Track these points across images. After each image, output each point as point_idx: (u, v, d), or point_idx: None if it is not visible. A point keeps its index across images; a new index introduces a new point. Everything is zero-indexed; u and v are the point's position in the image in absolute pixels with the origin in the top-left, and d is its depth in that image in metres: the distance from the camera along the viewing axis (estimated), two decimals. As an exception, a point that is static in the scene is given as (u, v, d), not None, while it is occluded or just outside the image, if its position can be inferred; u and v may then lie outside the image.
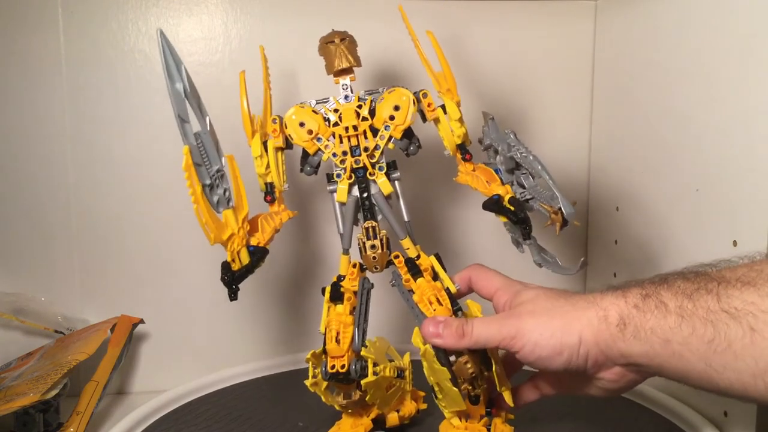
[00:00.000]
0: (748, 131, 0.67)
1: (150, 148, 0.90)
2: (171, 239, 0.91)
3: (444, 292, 0.64)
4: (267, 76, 0.68)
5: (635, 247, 0.87)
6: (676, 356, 0.47)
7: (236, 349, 0.94)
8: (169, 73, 0.59)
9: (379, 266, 0.66)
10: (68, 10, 0.87)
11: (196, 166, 0.58)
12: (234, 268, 0.63)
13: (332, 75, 0.66)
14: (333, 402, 0.66)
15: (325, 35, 0.67)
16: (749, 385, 0.44)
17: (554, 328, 0.52)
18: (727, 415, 0.71)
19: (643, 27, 0.85)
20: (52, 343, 0.86)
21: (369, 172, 0.65)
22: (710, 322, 0.45)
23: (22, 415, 0.72)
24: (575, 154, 1.00)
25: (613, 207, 0.93)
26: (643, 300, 0.49)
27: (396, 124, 0.64)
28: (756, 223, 0.66)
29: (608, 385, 0.54)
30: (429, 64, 0.66)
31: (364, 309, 0.65)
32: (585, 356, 0.51)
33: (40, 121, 0.88)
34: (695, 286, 0.48)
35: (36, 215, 0.89)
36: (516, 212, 0.62)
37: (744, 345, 0.44)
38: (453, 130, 0.66)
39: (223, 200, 0.62)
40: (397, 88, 0.65)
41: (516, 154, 0.63)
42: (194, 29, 0.90)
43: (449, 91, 0.66)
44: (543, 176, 0.61)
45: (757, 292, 0.44)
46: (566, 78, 0.98)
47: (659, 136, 0.82)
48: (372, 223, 0.66)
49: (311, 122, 0.65)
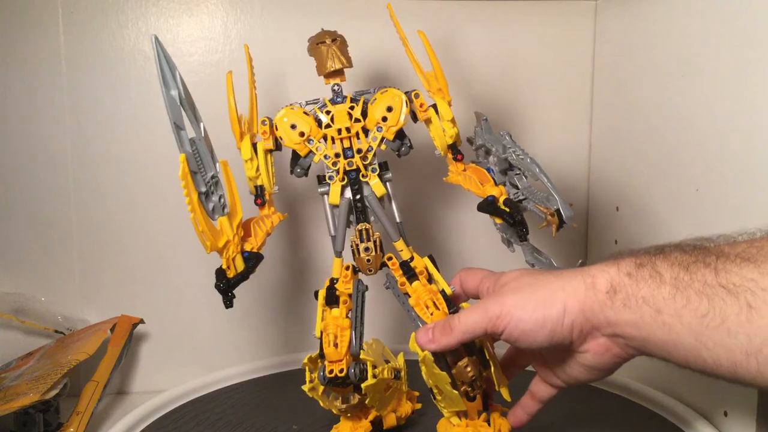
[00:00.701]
0: (748, 131, 0.67)
1: (150, 148, 0.90)
2: (171, 239, 0.91)
3: (440, 295, 0.63)
4: (252, 75, 0.68)
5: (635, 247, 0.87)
6: (665, 328, 0.46)
7: (236, 349, 0.94)
8: (164, 79, 0.57)
9: (373, 269, 0.66)
10: (68, 10, 0.87)
11: (192, 174, 0.58)
12: (229, 275, 0.62)
13: (323, 76, 0.66)
14: (331, 406, 0.65)
15: (315, 35, 0.66)
16: (740, 364, 0.43)
17: (537, 300, 0.51)
18: (727, 415, 0.71)
19: (643, 27, 0.85)
20: (52, 343, 0.86)
21: (362, 174, 0.65)
22: (706, 295, 0.44)
23: (22, 415, 0.72)
24: (575, 154, 1.00)
25: (613, 207, 0.93)
26: (637, 269, 0.48)
27: (389, 125, 0.64)
28: (756, 223, 0.65)
29: (591, 360, 0.52)
30: (418, 64, 0.66)
31: (360, 312, 0.65)
32: (570, 327, 0.50)
33: (40, 121, 0.88)
34: (693, 258, 0.46)
35: (36, 215, 0.89)
36: (512, 214, 0.62)
37: (740, 322, 0.43)
38: (445, 131, 0.65)
39: (219, 207, 0.61)
40: (389, 89, 0.65)
41: (512, 155, 0.63)
42: (194, 29, 0.89)
43: (440, 91, 0.65)
44: (541, 179, 0.61)
45: (757, 269, 0.43)
46: (566, 78, 0.98)
47: (659, 136, 0.82)
48: (365, 226, 0.65)
49: (303, 124, 0.64)
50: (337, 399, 0.65)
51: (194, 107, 0.61)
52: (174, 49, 0.89)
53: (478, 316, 0.53)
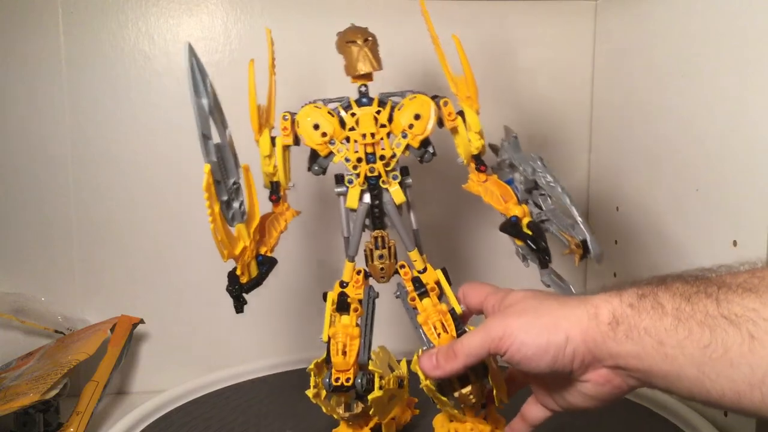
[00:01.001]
0: (748, 131, 0.67)
1: (150, 148, 0.90)
2: (171, 239, 0.91)
3: (449, 316, 0.62)
4: (273, 61, 0.64)
5: (635, 247, 0.87)
6: (668, 360, 0.45)
7: (236, 349, 0.94)
8: (196, 88, 0.55)
9: (386, 276, 0.65)
10: (68, 10, 0.87)
11: (215, 183, 0.55)
12: (242, 281, 0.60)
13: (351, 77, 0.63)
14: (333, 412, 0.64)
15: (346, 32, 0.63)
16: (744, 395, 0.43)
17: (541, 326, 0.50)
18: (727, 415, 0.71)
19: (643, 27, 0.85)
20: (52, 343, 0.86)
21: (382, 180, 0.62)
22: (708, 326, 0.44)
23: (22, 415, 0.72)
24: (575, 155, 1.00)
25: (613, 207, 0.93)
26: (639, 299, 0.48)
27: (415, 133, 0.61)
28: (756, 223, 0.66)
29: (592, 390, 0.52)
30: (448, 66, 0.63)
31: (370, 320, 0.64)
32: (571, 355, 0.50)
33: (40, 121, 0.88)
34: (694, 289, 0.46)
35: (36, 215, 0.89)
36: (536, 239, 0.60)
37: (742, 352, 0.42)
38: (471, 141, 0.63)
39: (238, 214, 0.59)
40: (418, 96, 0.62)
41: (541, 179, 0.61)
42: (194, 29, 0.90)
43: (469, 99, 0.63)
44: (572, 211, 0.59)
45: (759, 300, 0.43)
46: (566, 78, 0.98)
47: (659, 136, 0.82)
48: (382, 233, 0.64)
49: (326, 124, 0.61)
50: (339, 405, 0.64)
51: (222, 113, 0.59)
52: (174, 49, 0.89)
53: (480, 338, 0.53)
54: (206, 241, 0.58)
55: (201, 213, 0.97)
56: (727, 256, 0.70)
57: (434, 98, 0.63)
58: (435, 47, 0.64)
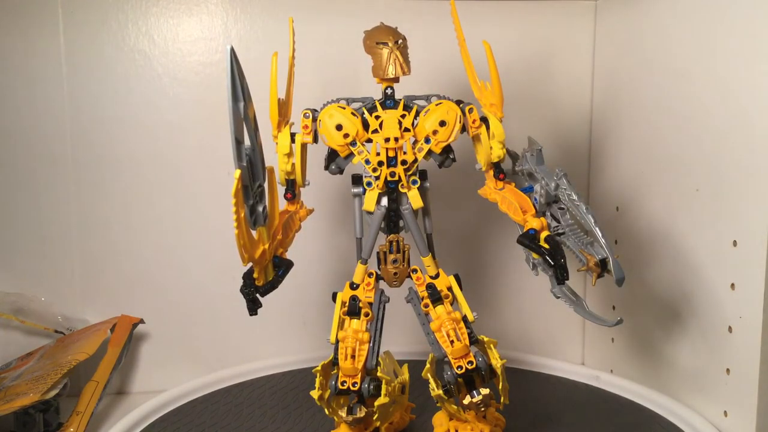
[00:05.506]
0: (748, 131, 0.67)
1: (150, 148, 0.90)
2: (171, 239, 0.91)
3: (462, 324, 0.62)
4: (293, 52, 0.62)
5: (635, 247, 0.87)
6: None
7: (236, 349, 0.94)
8: (234, 92, 0.54)
9: (399, 281, 0.64)
10: (68, 10, 0.87)
11: (243, 188, 0.54)
12: (258, 284, 0.59)
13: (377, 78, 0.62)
14: (335, 414, 0.64)
15: (375, 32, 0.62)
16: None
17: None
18: (727, 415, 0.71)
19: (643, 27, 0.85)
20: (52, 343, 0.86)
21: (401, 184, 0.62)
22: None
23: (22, 415, 0.72)
24: (575, 154, 1.00)
25: (613, 207, 0.93)
26: None
27: (439, 139, 0.61)
28: (756, 223, 0.66)
29: None
30: (473, 71, 0.62)
31: (380, 326, 0.63)
32: None
33: (41, 121, 0.88)
34: None
35: (36, 215, 0.89)
36: (554, 254, 0.59)
37: None
38: (492, 149, 0.62)
39: (260, 218, 0.58)
40: (444, 102, 0.62)
41: (564, 196, 0.60)
42: (194, 29, 0.89)
43: (494, 106, 0.63)
44: (595, 232, 0.58)
45: None
46: (566, 78, 0.98)
47: (659, 136, 0.82)
48: (397, 237, 0.64)
49: (349, 126, 0.60)
50: (342, 409, 0.63)
51: (255, 117, 0.58)
52: (174, 49, 0.89)
53: None
54: (206, 241, 0.58)
55: (201, 213, 0.98)
56: (727, 256, 0.70)
57: (458, 104, 0.62)
58: (461, 51, 0.63)
